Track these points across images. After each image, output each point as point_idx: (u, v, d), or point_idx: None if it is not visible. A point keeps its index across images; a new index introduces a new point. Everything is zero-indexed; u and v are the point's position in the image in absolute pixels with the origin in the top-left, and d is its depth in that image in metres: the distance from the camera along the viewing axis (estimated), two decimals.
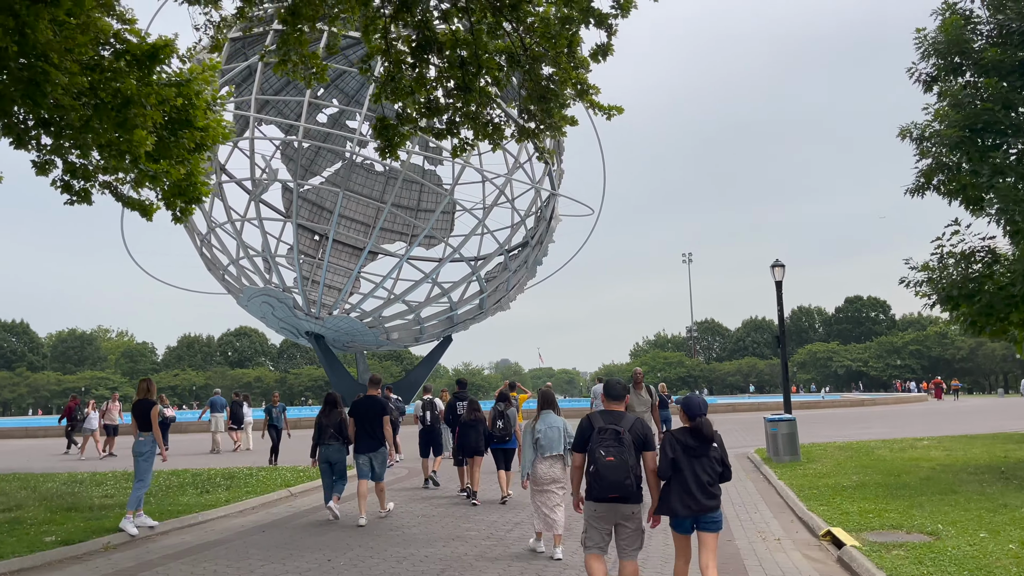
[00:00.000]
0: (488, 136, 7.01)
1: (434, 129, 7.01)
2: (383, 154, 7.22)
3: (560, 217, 41.92)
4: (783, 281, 17.82)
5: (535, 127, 7.07)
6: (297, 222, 47.00)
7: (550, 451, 7.74)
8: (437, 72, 6.56)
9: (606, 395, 6.05)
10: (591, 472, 5.53)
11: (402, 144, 7.17)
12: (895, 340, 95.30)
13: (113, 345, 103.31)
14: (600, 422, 5.69)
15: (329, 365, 41.00)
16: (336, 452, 10.69)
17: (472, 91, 6.39)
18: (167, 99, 7.73)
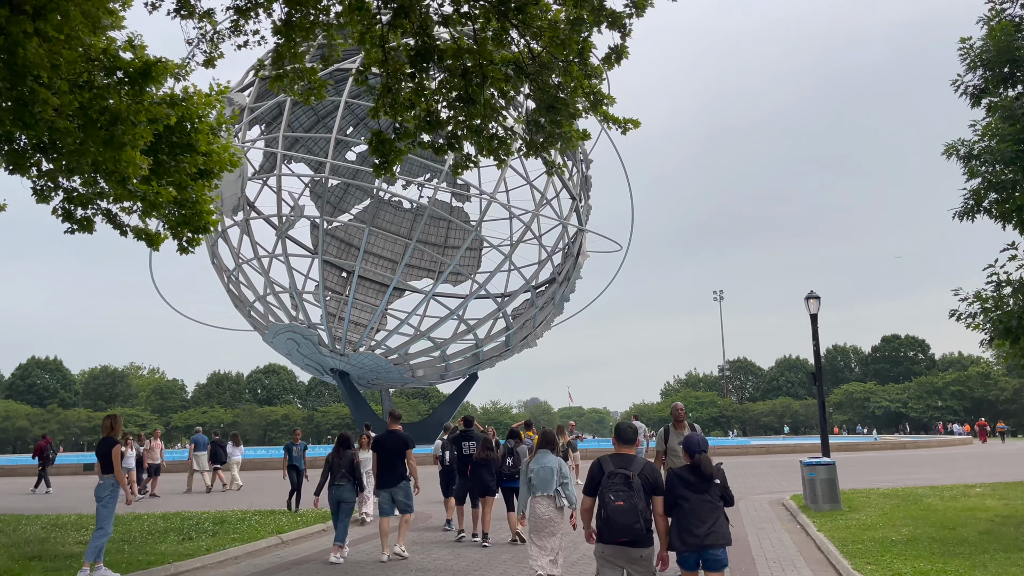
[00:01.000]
0: (493, 151, 6.46)
1: (435, 144, 6.48)
2: (379, 171, 6.71)
3: (588, 253, 41.33)
4: (818, 315, 16.92)
5: (543, 140, 6.49)
6: (325, 258, 47.05)
7: (542, 491, 7.86)
8: (438, 83, 6.06)
9: (616, 438, 6.13)
10: (601, 516, 5.60)
11: (399, 160, 6.66)
12: (935, 380, 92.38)
13: (144, 382, 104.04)
14: (610, 466, 5.78)
15: (354, 402, 40.51)
16: (348, 492, 10.56)
17: (476, 103, 5.87)
18: (159, 117, 7.30)
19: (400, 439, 10.52)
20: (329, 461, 10.90)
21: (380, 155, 6.52)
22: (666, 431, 9.76)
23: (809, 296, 17.01)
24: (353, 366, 38.58)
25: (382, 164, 6.63)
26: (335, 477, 10.67)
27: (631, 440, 6.04)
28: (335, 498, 10.57)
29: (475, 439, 12.02)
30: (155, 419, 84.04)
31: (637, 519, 5.48)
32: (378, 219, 48.85)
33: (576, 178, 40.20)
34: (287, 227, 36.37)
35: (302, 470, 16.67)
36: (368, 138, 6.60)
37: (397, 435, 10.59)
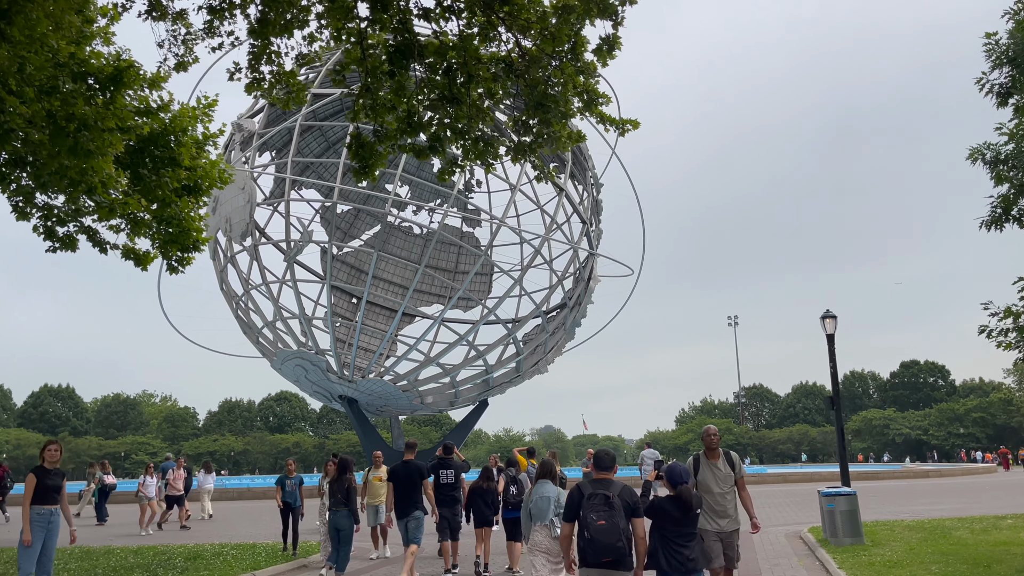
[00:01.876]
0: (480, 154, 6.00)
1: (417, 147, 6.01)
2: (359, 176, 6.26)
3: (599, 278, 40.79)
4: (835, 335, 16.26)
5: (531, 141, 6.01)
6: (334, 284, 46.79)
7: (539, 520, 7.92)
8: (420, 82, 5.61)
9: (595, 465, 6.30)
10: (584, 537, 5.67)
11: (381, 164, 6.21)
12: (956, 407, 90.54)
13: (156, 410, 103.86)
14: (589, 489, 5.95)
15: (362, 430, 39.92)
16: (344, 519, 10.45)
17: (461, 103, 5.43)
18: (132, 126, 6.89)
19: (415, 469, 10.56)
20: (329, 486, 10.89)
21: (360, 159, 6.08)
22: (696, 462, 8.08)
23: (825, 315, 16.37)
24: (361, 393, 38.07)
25: (362, 168, 6.17)
26: (332, 503, 10.54)
27: (609, 467, 6.22)
28: (332, 524, 10.46)
29: (453, 467, 11.71)
30: (165, 447, 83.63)
31: (619, 537, 5.57)
32: (389, 245, 48.68)
33: (587, 202, 39.85)
34: (295, 252, 36.10)
35: (297, 507, 15.39)
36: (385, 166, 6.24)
37: (412, 465, 10.58)
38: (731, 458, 8.06)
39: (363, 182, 6.29)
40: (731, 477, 7.94)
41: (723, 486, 7.78)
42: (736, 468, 8.01)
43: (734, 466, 8.05)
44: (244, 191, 35.98)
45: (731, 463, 8.09)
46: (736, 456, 8.10)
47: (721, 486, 7.78)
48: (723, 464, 7.96)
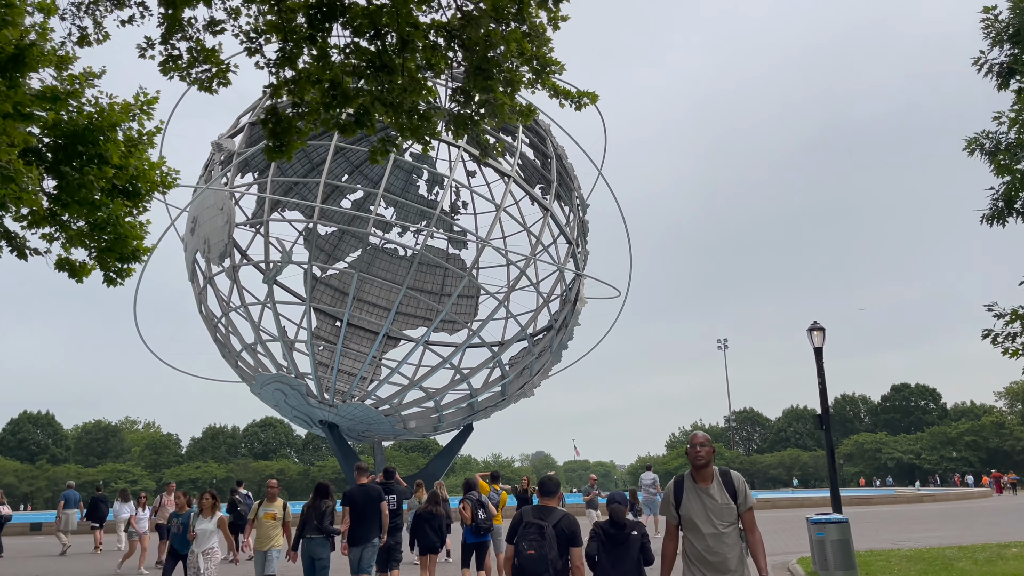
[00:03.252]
0: (415, 130, 5.29)
1: (342, 122, 5.29)
2: (271, 155, 5.52)
3: (586, 299, 40.12)
4: (823, 348, 15.51)
5: (472, 113, 5.31)
6: (317, 306, 45.94)
7: None
8: (344, 48, 4.90)
9: (540, 491, 6.35)
10: (515, 565, 5.75)
11: (301, 143, 5.49)
12: (948, 431, 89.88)
13: (139, 437, 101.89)
14: (529, 516, 5.98)
15: (343, 456, 38.87)
16: (319, 547, 9.94)
17: (393, 72, 4.74)
18: (33, 112, 6.15)
19: (372, 493, 10.17)
20: (304, 512, 10.17)
21: (275, 137, 5.34)
22: (677, 488, 5.89)
23: (813, 327, 15.63)
24: (342, 417, 37.08)
25: (277, 147, 5.43)
26: (306, 530, 10.02)
27: (552, 493, 6.31)
28: (307, 554, 9.97)
29: (396, 493, 11.62)
30: (147, 475, 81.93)
31: (547, 568, 5.56)
32: (373, 267, 47.94)
33: (573, 222, 39.29)
34: (274, 273, 35.25)
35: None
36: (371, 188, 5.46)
37: (368, 489, 10.21)
38: (731, 482, 5.78)
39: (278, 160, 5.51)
40: (731, 510, 5.67)
41: (719, 523, 5.57)
42: (739, 496, 5.76)
43: (736, 493, 5.76)
44: (223, 211, 35.24)
45: (731, 489, 5.75)
46: (739, 478, 5.83)
47: (715, 523, 5.57)
48: (718, 491, 5.71)
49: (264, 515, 10.89)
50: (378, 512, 10.08)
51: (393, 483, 12.16)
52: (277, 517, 10.72)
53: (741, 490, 5.83)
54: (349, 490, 10.47)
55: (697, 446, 5.90)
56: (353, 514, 10.04)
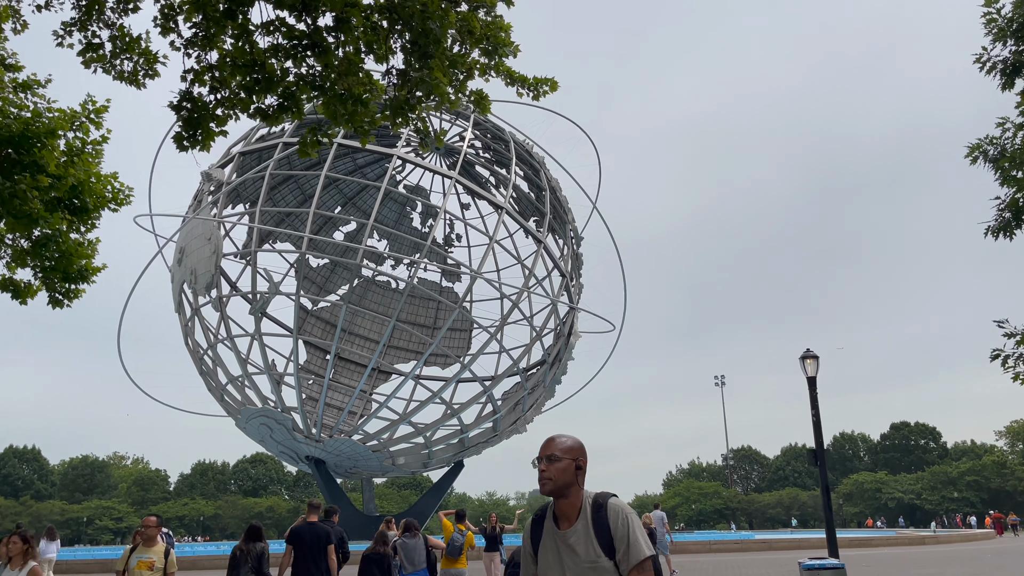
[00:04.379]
0: (350, 117, 4.71)
1: (264, 110, 4.70)
2: (180, 144, 4.92)
3: (580, 333, 39.49)
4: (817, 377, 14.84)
5: (408, 95, 4.71)
6: (308, 339, 45.19)
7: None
8: (263, 26, 4.34)
9: None
10: None
11: (221, 132, 4.90)
12: (949, 470, 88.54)
13: (127, 472, 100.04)
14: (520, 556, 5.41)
15: (330, 493, 37.78)
16: None
17: (326, 52, 4.18)
18: None
19: (321, 533, 9.49)
20: (235, 553, 9.42)
21: (190, 125, 4.75)
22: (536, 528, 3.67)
23: (805, 355, 14.98)
24: (329, 453, 36.12)
25: (191, 137, 4.83)
26: (240, 572, 9.36)
27: None
28: None
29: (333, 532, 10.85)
30: (133, 512, 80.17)
31: None
32: (366, 300, 47.29)
33: (567, 254, 38.80)
34: (261, 305, 34.60)
35: None
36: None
37: (317, 528, 9.54)
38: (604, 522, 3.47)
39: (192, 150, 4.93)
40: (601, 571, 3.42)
41: None
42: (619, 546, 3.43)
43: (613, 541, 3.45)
44: (210, 241, 34.72)
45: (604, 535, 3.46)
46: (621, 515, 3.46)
47: None
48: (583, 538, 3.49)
49: (138, 564, 8.42)
50: (325, 553, 9.35)
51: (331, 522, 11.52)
52: (155, 567, 8.38)
53: (621, 536, 3.38)
54: (296, 527, 9.75)
55: (543, 460, 3.54)
56: (298, 554, 9.30)
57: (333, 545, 9.55)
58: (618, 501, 3.55)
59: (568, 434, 3.69)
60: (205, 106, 4.71)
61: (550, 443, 3.66)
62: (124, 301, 34.98)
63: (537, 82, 4.82)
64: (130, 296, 35.19)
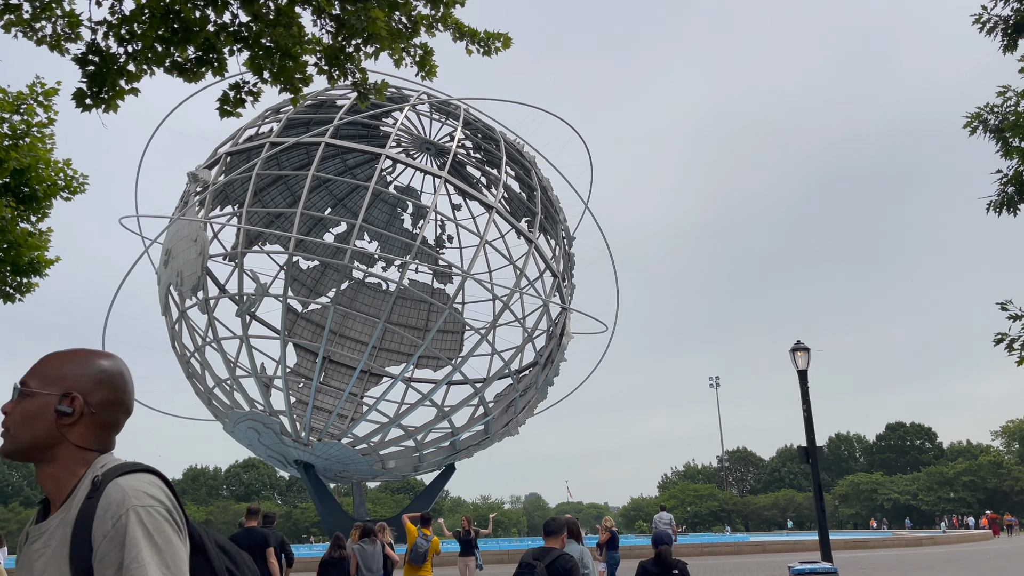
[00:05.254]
0: (280, 72, 4.24)
1: (181, 64, 4.22)
2: (80, 102, 4.45)
3: (572, 334, 39.02)
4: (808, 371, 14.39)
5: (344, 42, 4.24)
6: (298, 342, 44.65)
7: None
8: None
9: (544, 531, 6.37)
10: None
11: (132, 90, 4.43)
12: (946, 471, 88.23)
13: None
14: (527, 558, 5.99)
15: (320, 498, 37.28)
16: None
17: (253, 2, 3.71)
18: None
19: (259, 538, 9.44)
20: None
21: (96, 82, 4.27)
22: None
23: (796, 348, 14.52)
24: (318, 457, 35.58)
25: (98, 95, 4.35)
26: None
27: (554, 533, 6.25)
28: None
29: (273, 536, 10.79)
30: None
31: None
32: (357, 302, 46.79)
33: (559, 254, 38.36)
34: (248, 306, 34.07)
35: None
36: None
37: (255, 533, 9.50)
38: (88, 522, 1.81)
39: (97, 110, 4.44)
40: None
41: None
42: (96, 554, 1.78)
43: (98, 563, 1.77)
44: (196, 243, 34.19)
45: (79, 543, 1.79)
46: (137, 520, 1.77)
47: None
48: (56, 549, 1.84)
49: None
50: (264, 558, 9.27)
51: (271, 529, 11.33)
52: None
53: (108, 558, 1.77)
54: (234, 535, 9.79)
55: (13, 395, 2.12)
56: None
57: (272, 548, 9.45)
58: (135, 483, 1.84)
59: (76, 351, 2.04)
60: (114, 59, 4.23)
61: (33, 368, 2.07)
62: (112, 304, 34.35)
63: (489, 37, 4.38)
64: (114, 299, 34.69)
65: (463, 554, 15.71)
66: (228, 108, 4.54)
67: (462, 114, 37.34)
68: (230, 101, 4.53)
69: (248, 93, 4.49)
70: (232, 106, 4.56)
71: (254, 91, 4.54)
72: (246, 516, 9.82)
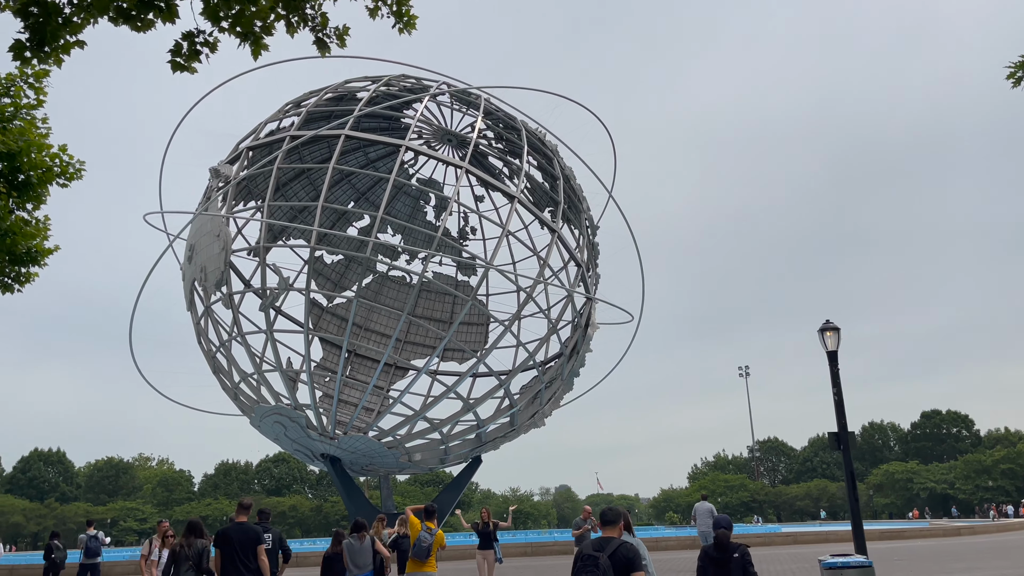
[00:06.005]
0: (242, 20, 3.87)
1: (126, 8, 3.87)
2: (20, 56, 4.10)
3: (598, 325, 38.53)
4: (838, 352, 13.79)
5: None
6: (324, 336, 44.67)
7: None
8: None
9: (600, 521, 6.38)
10: None
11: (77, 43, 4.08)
12: (983, 459, 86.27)
13: (152, 474, 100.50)
14: (588, 549, 5.96)
15: (346, 491, 37.21)
16: None
17: None
18: None
19: (250, 533, 9.38)
20: (173, 551, 9.57)
21: (35, 30, 3.93)
22: None
23: (825, 327, 13.90)
24: (343, 451, 35.53)
25: (37, 45, 4.00)
26: (180, 570, 9.35)
27: (611, 522, 6.26)
28: None
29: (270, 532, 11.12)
30: (157, 512, 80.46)
31: None
32: (381, 295, 46.78)
33: (582, 244, 37.87)
34: (271, 300, 34.08)
35: None
36: None
37: (246, 528, 9.36)
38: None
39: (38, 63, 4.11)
40: None
41: None
42: None
43: None
44: (219, 238, 34.22)
45: None
46: None
47: None
48: None
49: None
50: (255, 554, 9.20)
51: (268, 524, 11.56)
52: None
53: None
54: (224, 529, 9.53)
55: None
56: (226, 555, 9.10)
57: (263, 545, 9.43)
58: None
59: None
60: (57, 9, 3.88)
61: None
62: (137, 301, 34.52)
63: None
64: (139, 295, 34.85)
65: (482, 547, 15.35)
66: (181, 61, 4.17)
67: (482, 103, 36.94)
68: (183, 53, 4.15)
69: (204, 44, 4.13)
70: (186, 59, 4.19)
71: (210, 41, 4.15)
72: (237, 511, 9.72)
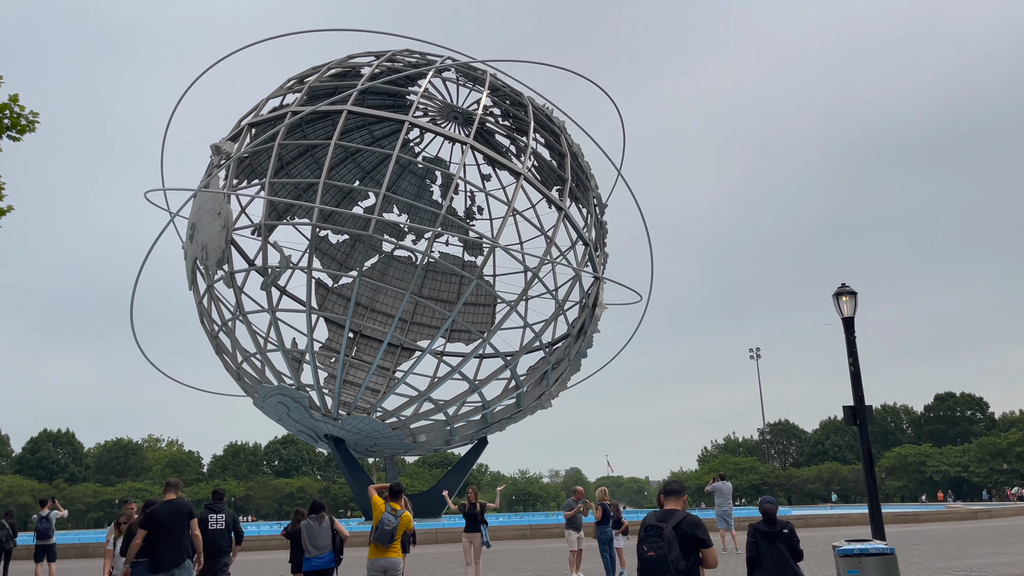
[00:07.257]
0: None
1: None
2: None
3: (605, 305, 37.73)
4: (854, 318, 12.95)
5: None
6: (329, 316, 44.12)
7: None
8: None
9: (663, 493, 6.51)
10: (637, 568, 5.91)
11: None
12: (998, 441, 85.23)
13: (161, 455, 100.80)
14: (651, 520, 6.05)
15: (350, 473, 36.79)
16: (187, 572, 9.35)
17: None
18: None
19: (182, 509, 9.47)
20: None
21: None
22: None
23: (840, 292, 13.07)
24: (348, 431, 35.04)
25: None
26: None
27: (676, 493, 6.31)
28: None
29: (223, 513, 11.14)
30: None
31: (667, 569, 5.59)
32: (387, 275, 46.05)
33: (590, 223, 36.98)
34: (272, 278, 33.43)
35: None
36: None
37: (176, 505, 9.47)
38: None
39: None
40: None
41: None
42: None
43: None
44: (220, 216, 33.56)
45: None
46: None
47: None
48: None
49: None
50: (188, 530, 9.34)
51: (220, 504, 11.45)
52: None
53: None
54: (152, 508, 9.44)
55: None
56: (156, 535, 9.14)
57: (196, 520, 9.58)
58: None
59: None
60: None
61: None
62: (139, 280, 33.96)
63: None
64: (139, 274, 34.29)
65: (468, 530, 14.54)
66: None
67: (488, 79, 35.98)
68: None
69: None
70: None
71: None
72: (164, 490, 9.74)
